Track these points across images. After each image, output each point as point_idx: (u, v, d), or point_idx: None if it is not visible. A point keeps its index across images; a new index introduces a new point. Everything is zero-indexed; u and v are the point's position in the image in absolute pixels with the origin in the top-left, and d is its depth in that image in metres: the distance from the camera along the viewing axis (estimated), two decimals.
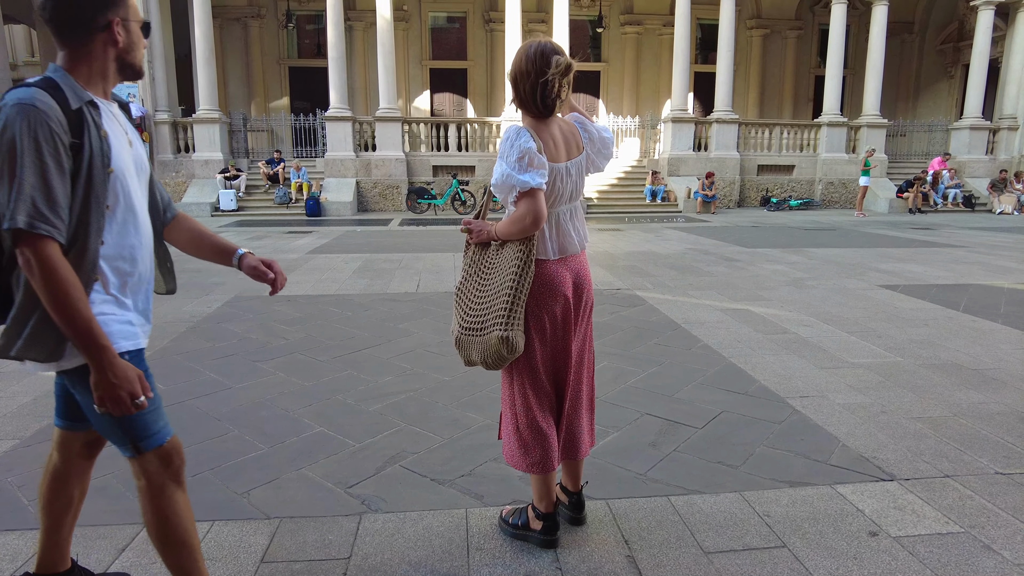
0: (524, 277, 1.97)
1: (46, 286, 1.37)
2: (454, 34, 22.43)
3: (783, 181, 18.66)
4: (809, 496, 2.50)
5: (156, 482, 1.61)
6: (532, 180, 1.89)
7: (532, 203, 1.90)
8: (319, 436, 3.05)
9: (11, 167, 1.34)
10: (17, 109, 1.35)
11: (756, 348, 4.48)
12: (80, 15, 1.45)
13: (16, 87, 1.42)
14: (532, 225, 1.92)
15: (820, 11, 21.87)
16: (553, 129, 2.05)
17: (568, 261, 2.09)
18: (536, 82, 1.95)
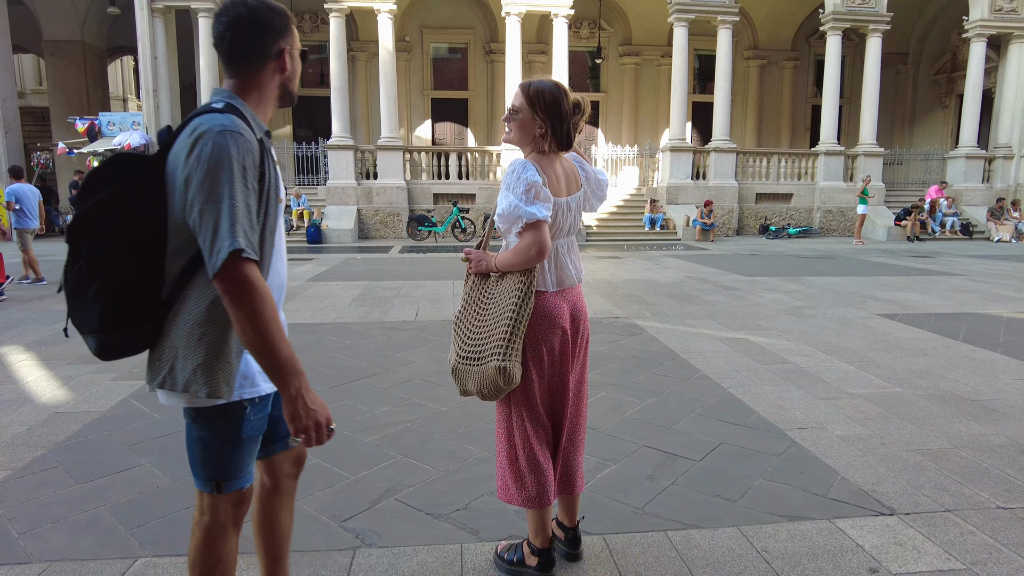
0: (524, 308, 1.98)
1: (254, 311, 1.33)
2: (455, 65, 22.77)
3: (781, 209, 18.77)
4: (808, 531, 2.47)
5: (221, 523, 1.58)
6: (539, 212, 1.93)
7: (537, 235, 1.94)
8: (313, 468, 3.03)
9: (221, 193, 1.33)
10: (225, 136, 1.35)
11: (755, 378, 4.46)
12: (256, 46, 1.49)
13: (207, 112, 1.42)
14: (537, 256, 1.95)
15: (816, 42, 22.22)
16: (556, 165, 2.09)
17: (566, 293, 2.12)
18: (565, 117, 2.03)
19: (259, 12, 1.48)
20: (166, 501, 2.70)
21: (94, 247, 1.39)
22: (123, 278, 1.41)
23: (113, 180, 1.39)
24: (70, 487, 2.83)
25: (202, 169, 1.33)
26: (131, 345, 1.48)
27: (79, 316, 1.45)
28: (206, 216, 1.32)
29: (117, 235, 1.39)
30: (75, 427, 3.54)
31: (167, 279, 1.44)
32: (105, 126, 16.61)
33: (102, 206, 1.38)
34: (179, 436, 3.40)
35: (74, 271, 1.41)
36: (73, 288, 1.42)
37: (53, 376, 4.51)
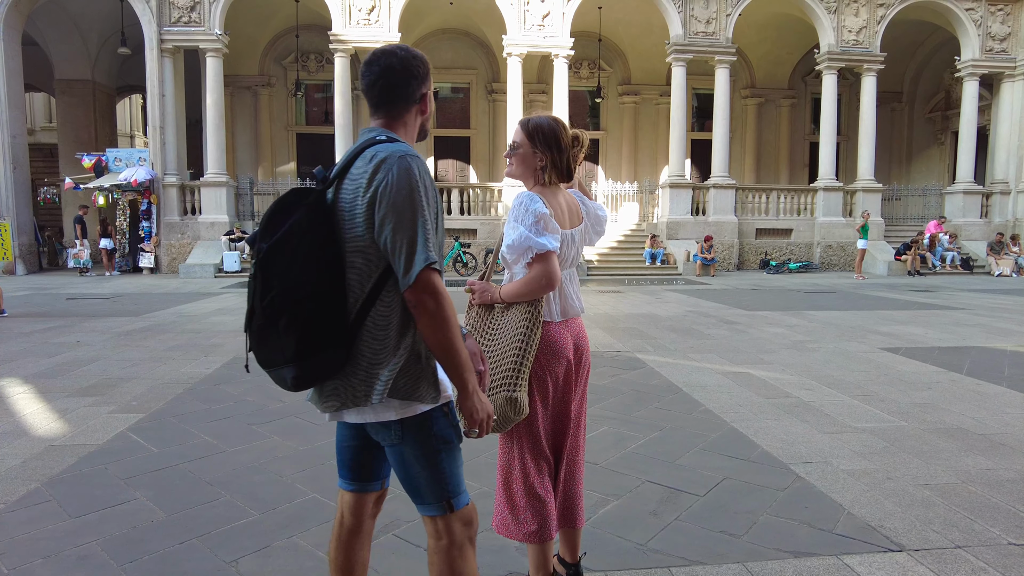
0: (532, 338, 1.99)
1: (445, 316, 1.46)
2: (458, 104, 23.17)
3: (781, 244, 18.85)
4: (815, 568, 2.41)
5: (459, 541, 1.63)
6: (549, 243, 1.96)
7: (547, 265, 1.96)
8: (312, 503, 2.98)
9: (412, 211, 1.44)
10: (407, 159, 1.47)
11: (758, 412, 4.42)
12: (404, 92, 1.64)
13: (378, 143, 1.54)
14: (547, 286, 1.98)
15: (812, 81, 22.61)
16: (559, 197, 2.14)
17: (569, 324, 2.14)
18: (566, 149, 2.10)
19: (408, 62, 1.63)
20: (160, 536, 2.65)
21: (283, 278, 1.44)
22: (311, 306, 1.46)
23: (294, 212, 1.48)
24: (63, 521, 2.78)
25: (392, 191, 1.44)
26: (324, 371, 1.52)
27: (270, 349, 1.50)
28: (400, 234, 1.44)
29: (303, 265, 1.46)
30: (70, 460, 3.49)
31: (352, 301, 1.51)
32: (112, 162, 16.84)
33: (288, 238, 1.45)
34: (176, 470, 3.36)
35: (264, 304, 1.45)
36: (264, 321, 1.47)
37: (50, 409, 4.47)
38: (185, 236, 16.92)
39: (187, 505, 2.94)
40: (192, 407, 4.53)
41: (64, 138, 20.32)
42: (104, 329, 7.87)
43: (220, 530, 2.71)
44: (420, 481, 1.60)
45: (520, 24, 16.97)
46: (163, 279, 15.40)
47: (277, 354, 1.49)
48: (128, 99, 27.48)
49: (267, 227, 1.48)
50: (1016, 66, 18.61)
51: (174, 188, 16.83)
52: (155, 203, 16.65)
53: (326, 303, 1.48)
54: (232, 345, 6.83)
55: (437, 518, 1.61)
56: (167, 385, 5.13)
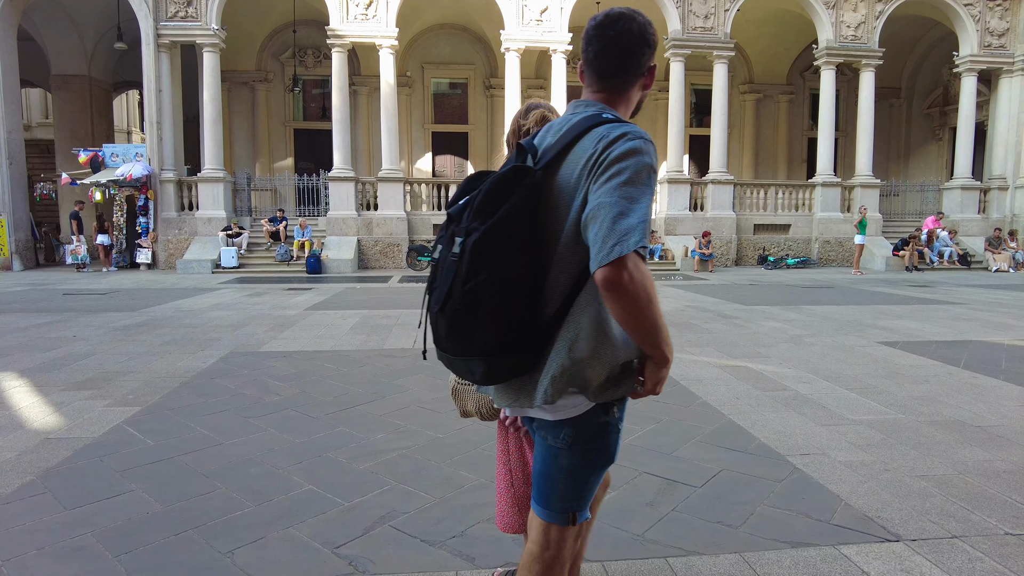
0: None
1: (648, 298, 1.32)
2: (456, 100, 23.12)
3: (779, 240, 18.85)
4: (812, 557, 2.41)
5: (564, 558, 1.55)
6: None
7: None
8: (308, 494, 2.97)
9: (635, 192, 1.32)
10: (646, 145, 1.36)
11: (755, 405, 4.42)
12: (636, 62, 1.50)
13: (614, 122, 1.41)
14: None
15: (810, 76, 22.59)
16: None
17: None
18: (519, 133, 2.02)
19: (645, 28, 1.49)
20: (156, 528, 2.64)
21: (495, 266, 1.34)
22: (516, 299, 1.36)
23: (510, 197, 1.36)
24: (58, 513, 2.77)
25: (619, 169, 1.32)
26: (517, 368, 1.42)
27: (464, 337, 1.39)
28: (610, 209, 1.29)
29: (514, 254, 1.35)
30: (66, 453, 3.48)
31: (551, 295, 1.40)
32: (108, 157, 16.78)
33: (503, 224, 1.35)
34: (171, 462, 3.35)
35: (466, 289, 1.34)
36: (463, 307, 1.35)
37: (46, 402, 4.46)
38: (182, 232, 16.88)
39: (183, 497, 2.93)
40: (188, 400, 4.52)
41: (60, 134, 20.25)
42: (100, 324, 7.85)
43: (216, 521, 2.70)
44: (559, 488, 1.52)
45: (518, 19, 16.93)
46: (160, 275, 15.36)
47: (471, 344, 1.39)
48: (125, 95, 27.39)
49: (483, 209, 1.36)
50: (1014, 61, 18.60)
51: (171, 184, 16.78)
52: (152, 199, 16.60)
53: (530, 298, 1.39)
54: (228, 340, 6.82)
55: (553, 527, 1.53)
56: (163, 379, 5.12)
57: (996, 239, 18.16)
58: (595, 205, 1.32)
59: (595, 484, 1.54)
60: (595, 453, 1.50)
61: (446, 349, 1.45)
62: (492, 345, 1.37)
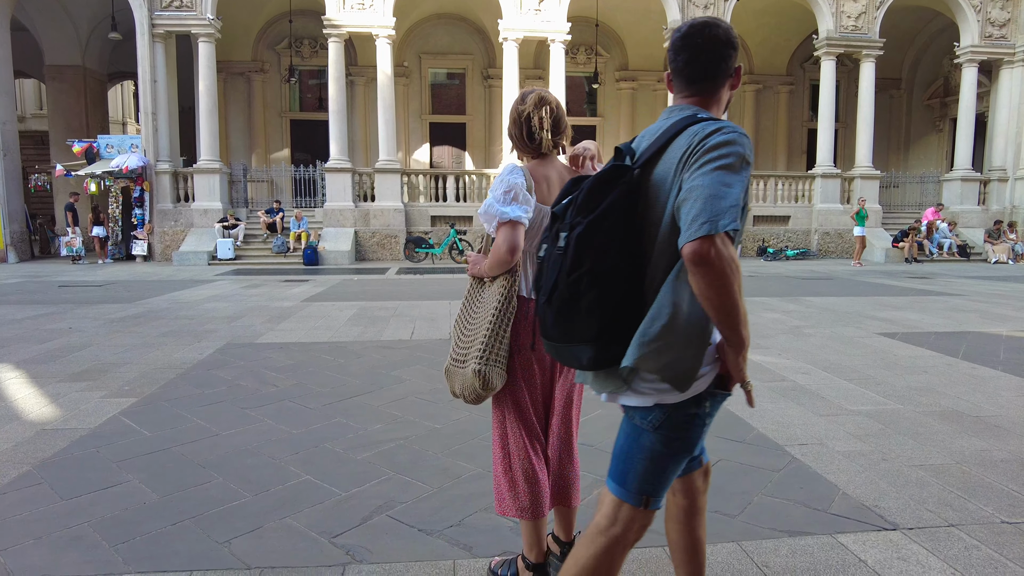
0: (504, 313, 1.98)
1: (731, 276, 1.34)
2: (454, 90, 23.02)
3: (779, 231, 18.83)
4: (809, 546, 2.41)
5: (629, 539, 1.60)
6: (511, 212, 1.93)
7: (508, 233, 1.93)
8: (305, 485, 2.97)
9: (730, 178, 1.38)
10: (741, 137, 1.43)
11: (754, 395, 4.40)
12: (724, 65, 1.58)
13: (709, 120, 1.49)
14: (507, 254, 1.94)
15: (810, 67, 22.52)
16: (549, 172, 2.08)
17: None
18: (519, 120, 2.05)
19: (729, 32, 1.57)
20: (153, 517, 2.64)
21: (598, 257, 1.43)
22: (619, 289, 1.44)
23: (613, 190, 1.46)
24: (54, 503, 2.76)
25: (714, 156, 1.39)
26: (619, 356, 1.47)
27: (570, 325, 1.47)
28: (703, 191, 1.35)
29: (619, 246, 1.44)
30: (62, 444, 3.47)
31: (649, 288, 1.47)
32: (103, 148, 16.69)
33: (607, 216, 1.44)
34: (168, 453, 3.34)
35: (571, 279, 1.44)
36: (568, 297, 1.45)
37: (42, 394, 4.45)
38: (178, 223, 16.82)
39: (179, 487, 2.92)
40: (185, 391, 4.51)
41: (55, 125, 20.15)
42: (96, 316, 7.83)
43: (213, 511, 2.69)
44: (638, 469, 1.57)
45: (516, 8, 16.82)
46: (156, 267, 15.32)
47: (577, 332, 1.47)
48: (120, 85, 27.23)
49: (586, 202, 1.46)
50: (1015, 52, 18.54)
51: (167, 175, 16.71)
52: (148, 190, 16.53)
53: (630, 289, 1.46)
54: (225, 331, 6.80)
55: (625, 506, 1.58)
56: (160, 370, 5.10)
57: (996, 231, 18.16)
58: (689, 188, 1.39)
59: (673, 472, 1.58)
60: (677, 441, 1.55)
61: (553, 338, 1.53)
62: (595, 333, 1.45)
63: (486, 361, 1.95)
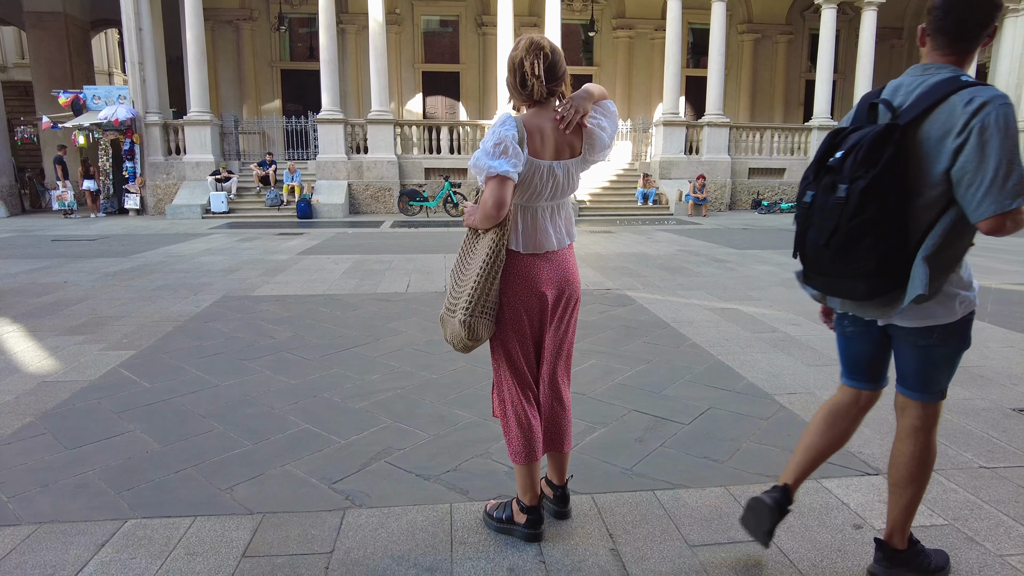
0: (492, 266, 1.99)
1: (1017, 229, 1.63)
2: (447, 38, 22.46)
3: (774, 184, 18.75)
4: None
5: (934, 424, 1.92)
6: (499, 167, 1.88)
7: (495, 188, 1.89)
8: (304, 433, 3.03)
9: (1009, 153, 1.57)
10: (1010, 108, 1.59)
11: (745, 346, 4.48)
12: (988, 25, 1.71)
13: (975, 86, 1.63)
14: (493, 209, 1.91)
15: (810, 16, 22.02)
16: (544, 122, 2.01)
17: (548, 256, 2.08)
18: (513, 66, 2.00)
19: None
20: (156, 465, 2.70)
21: (879, 207, 1.65)
22: (892, 232, 1.68)
23: (886, 151, 1.65)
24: (59, 452, 2.83)
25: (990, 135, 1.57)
26: (890, 286, 1.74)
27: (849, 263, 1.74)
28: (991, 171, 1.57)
29: (890, 197, 1.65)
30: (64, 395, 3.52)
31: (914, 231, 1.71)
32: (90, 99, 16.34)
33: (886, 172, 1.64)
34: (169, 404, 3.40)
35: (852, 224, 1.68)
36: (847, 239, 1.70)
37: (41, 347, 4.48)
38: (170, 177, 16.62)
39: (180, 437, 2.98)
40: (183, 344, 4.55)
41: (38, 75, 19.65)
42: (91, 270, 7.81)
43: (214, 460, 2.76)
44: (935, 376, 1.86)
45: None
46: (150, 220, 15.21)
47: (855, 268, 1.73)
48: (104, 34, 26.45)
49: (867, 158, 1.65)
50: (1021, 1, 18.15)
51: (157, 127, 16.42)
52: (138, 143, 16.27)
53: (900, 232, 1.69)
54: (221, 284, 6.82)
55: (928, 404, 1.89)
56: (157, 323, 5.13)
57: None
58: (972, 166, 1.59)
59: (957, 364, 1.88)
60: (961, 342, 1.84)
61: (830, 273, 1.81)
62: (872, 270, 1.71)
63: (471, 312, 1.98)
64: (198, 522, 2.28)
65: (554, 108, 2.05)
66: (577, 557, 2.08)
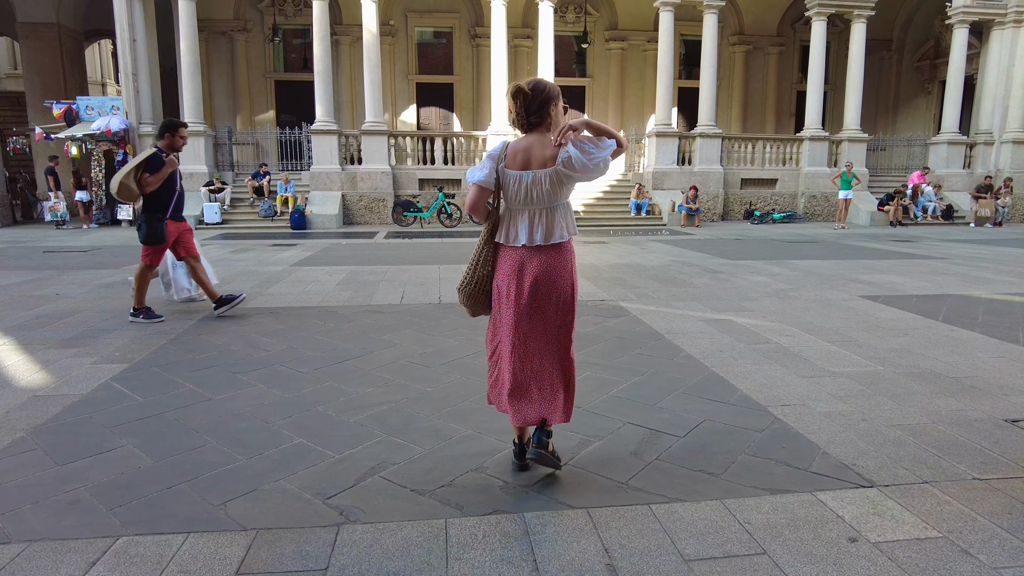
0: (479, 255, 2.69)
1: None
2: (441, 49, 22.56)
3: (766, 194, 18.86)
4: (789, 503, 2.50)
5: None
6: (471, 177, 2.59)
7: (471, 192, 2.63)
8: (298, 447, 3.02)
9: None
10: None
11: (738, 358, 4.50)
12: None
13: None
14: (468, 208, 2.63)
15: (801, 28, 22.24)
16: (531, 143, 2.55)
17: (518, 250, 2.59)
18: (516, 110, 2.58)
19: None
20: (148, 481, 2.68)
21: None
22: None
23: None
24: (49, 468, 2.80)
25: None
26: None
27: None
28: None
29: None
30: (55, 410, 3.49)
31: None
32: (83, 110, 16.31)
33: None
34: (161, 418, 3.38)
35: None
36: None
37: (32, 360, 4.45)
38: None
39: (174, 452, 2.96)
40: (176, 357, 4.52)
41: (31, 85, 19.59)
42: (84, 282, 7.77)
43: (207, 475, 2.74)
44: None
45: None
46: None
47: None
48: (97, 44, 26.44)
49: None
50: (1007, 12, 18.40)
51: (150, 138, 16.36)
52: (131, 153, 16.21)
53: None
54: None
55: None
56: (150, 336, 5.10)
57: (986, 186, 17.92)
58: None
59: None
60: None
61: None
62: None
63: (462, 288, 2.72)
64: (191, 539, 2.26)
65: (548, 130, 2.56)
66: (573, 572, 2.08)
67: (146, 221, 5.48)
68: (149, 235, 5.49)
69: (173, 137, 5.49)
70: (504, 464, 2.84)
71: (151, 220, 5.46)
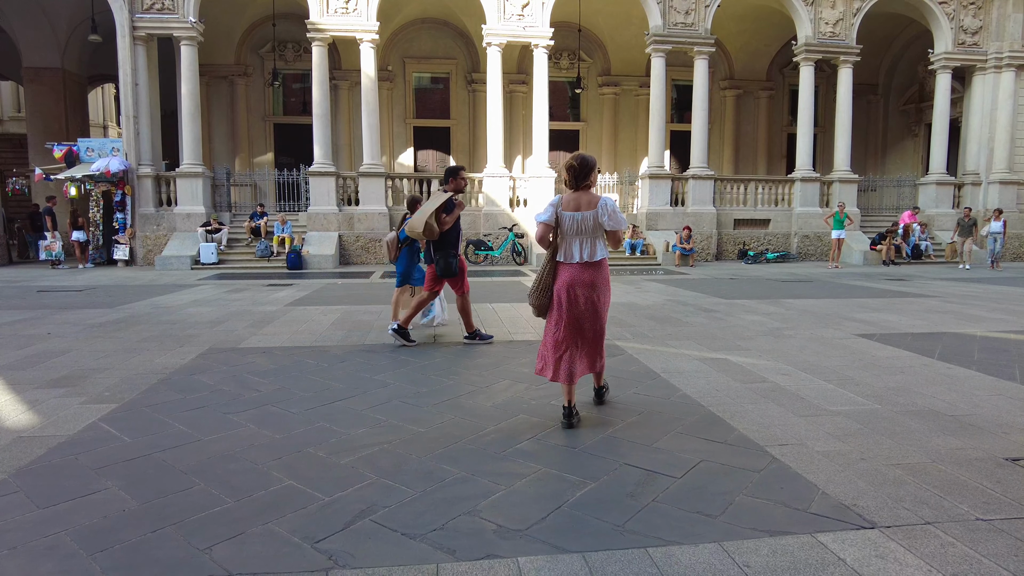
0: (543, 270, 3.94)
1: None
2: (438, 94, 23.02)
3: (759, 234, 19.03)
4: (789, 545, 2.44)
5: None
6: (539, 217, 3.90)
7: (539, 228, 3.90)
8: (288, 490, 2.95)
9: None
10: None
11: (735, 397, 4.46)
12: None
13: None
14: (538, 239, 3.90)
15: (790, 72, 22.80)
16: (579, 197, 3.85)
17: (571, 267, 3.85)
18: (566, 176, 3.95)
19: None
20: (131, 525, 2.61)
21: None
22: None
23: None
24: (30, 512, 2.72)
25: None
26: None
27: None
28: None
29: None
30: (39, 451, 3.42)
31: None
32: (84, 152, 16.48)
33: None
34: (149, 459, 3.32)
35: None
36: None
37: (19, 400, 4.38)
38: (161, 228, 16.64)
39: (160, 494, 2.89)
40: (166, 397, 4.46)
41: (33, 128, 19.84)
42: (76, 321, 7.72)
43: (193, 518, 2.67)
44: None
45: (499, 13, 16.88)
46: (138, 271, 15.14)
47: None
48: (100, 88, 26.91)
49: None
50: (987, 59, 18.93)
51: (149, 179, 16.53)
52: (129, 194, 16.34)
53: None
54: (207, 336, 6.74)
55: None
56: (141, 376, 5.04)
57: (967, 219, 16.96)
58: None
59: None
60: None
61: None
62: None
63: (531, 295, 4.00)
64: None
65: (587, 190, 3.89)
66: None
67: (442, 257, 6.03)
68: (446, 269, 6.04)
69: (457, 180, 6.11)
70: (499, 507, 2.78)
71: (447, 255, 6.03)
